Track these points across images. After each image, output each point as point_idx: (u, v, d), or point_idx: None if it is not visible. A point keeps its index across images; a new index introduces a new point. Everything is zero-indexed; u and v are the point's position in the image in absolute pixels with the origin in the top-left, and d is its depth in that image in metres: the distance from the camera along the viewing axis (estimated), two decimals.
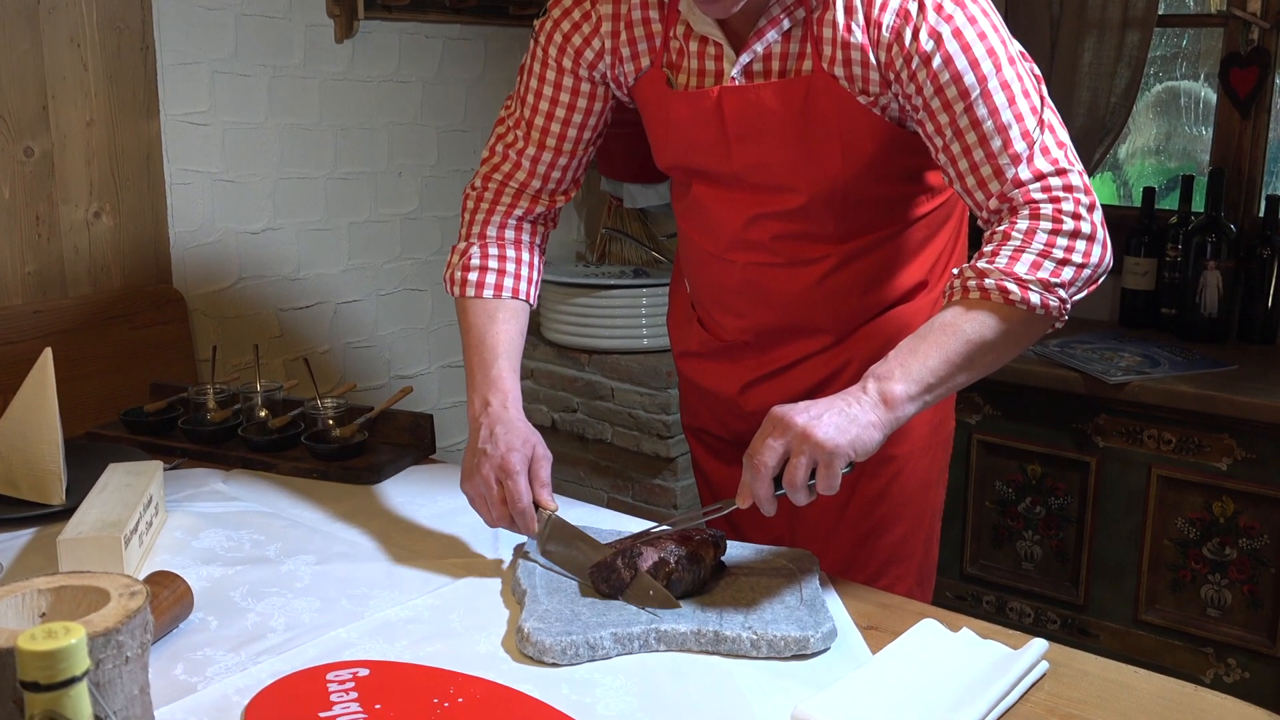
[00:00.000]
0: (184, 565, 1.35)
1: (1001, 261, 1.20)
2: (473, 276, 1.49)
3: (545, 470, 1.33)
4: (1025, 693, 1.07)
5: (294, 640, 1.17)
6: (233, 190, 2.42)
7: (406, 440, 1.76)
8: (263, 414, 1.79)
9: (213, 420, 1.78)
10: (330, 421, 1.74)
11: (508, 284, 1.49)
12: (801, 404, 1.16)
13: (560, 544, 1.29)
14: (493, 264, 1.49)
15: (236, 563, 1.36)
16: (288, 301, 2.57)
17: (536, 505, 1.31)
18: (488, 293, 1.48)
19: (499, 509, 1.31)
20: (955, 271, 1.24)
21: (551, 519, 1.30)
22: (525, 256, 1.52)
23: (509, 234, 1.53)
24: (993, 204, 1.25)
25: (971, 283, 1.21)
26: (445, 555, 1.39)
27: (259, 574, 1.33)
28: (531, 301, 1.52)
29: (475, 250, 1.51)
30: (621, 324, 2.86)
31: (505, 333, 1.45)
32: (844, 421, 1.14)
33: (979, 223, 1.30)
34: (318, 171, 2.59)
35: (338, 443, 1.70)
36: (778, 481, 1.15)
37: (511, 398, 1.39)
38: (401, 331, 2.86)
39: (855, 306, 1.49)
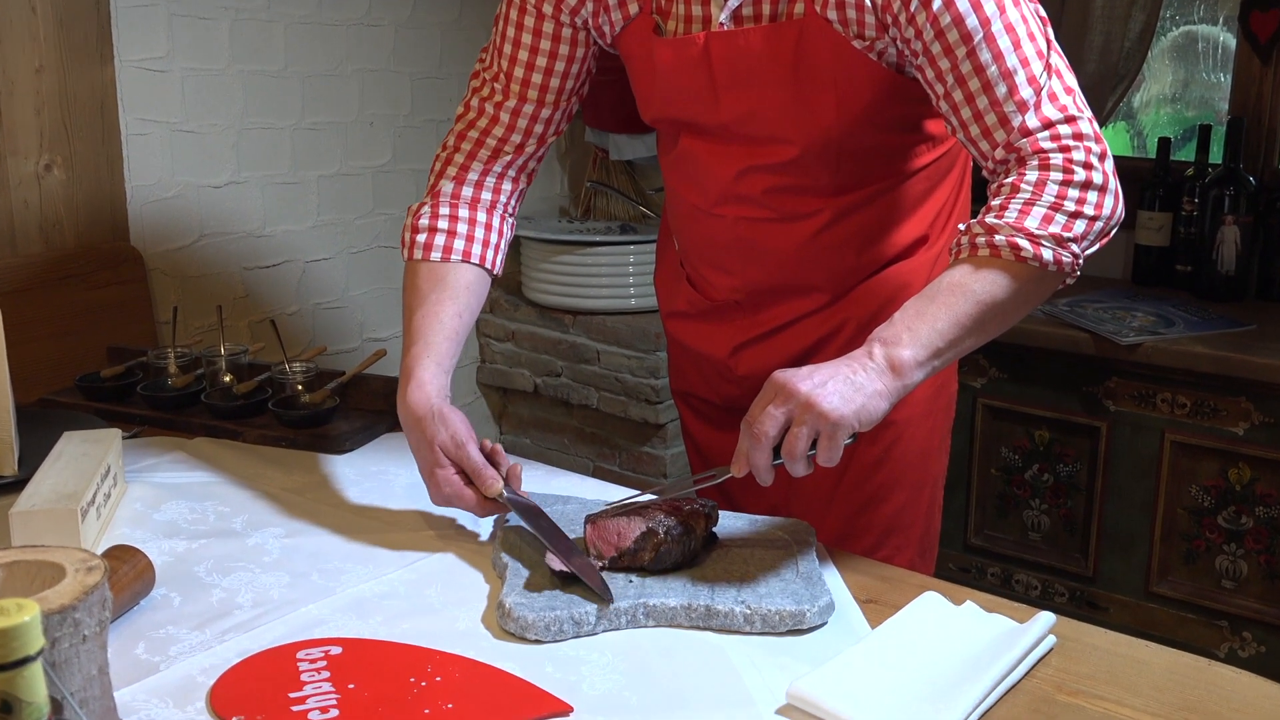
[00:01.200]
0: (144, 539, 1.34)
1: (1011, 216, 1.20)
2: (421, 238, 1.46)
3: (471, 454, 1.31)
4: (1031, 668, 1.08)
5: (262, 617, 1.17)
6: (193, 141, 2.40)
7: (380, 406, 1.76)
8: (227, 379, 1.78)
9: (174, 386, 1.78)
10: (299, 387, 1.73)
11: (458, 246, 1.46)
12: (804, 369, 1.16)
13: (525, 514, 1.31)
14: (443, 224, 1.47)
15: (200, 536, 1.36)
16: (253, 260, 2.56)
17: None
18: (435, 255, 1.45)
19: (477, 512, 1.34)
20: (961, 228, 1.24)
21: (504, 494, 1.31)
22: (482, 218, 1.49)
23: (467, 191, 1.50)
24: (999, 154, 1.25)
25: (980, 240, 1.20)
26: (422, 527, 1.39)
27: (224, 548, 1.33)
28: (491, 267, 1.49)
29: (428, 209, 1.48)
30: (608, 283, 2.85)
31: (434, 313, 1.41)
32: (849, 390, 1.13)
33: (984, 173, 1.30)
34: (284, 121, 2.56)
35: (307, 409, 1.69)
36: (776, 450, 1.15)
37: (413, 386, 1.35)
38: (374, 291, 2.84)
39: (851, 263, 1.48)
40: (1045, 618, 1.12)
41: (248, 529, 1.38)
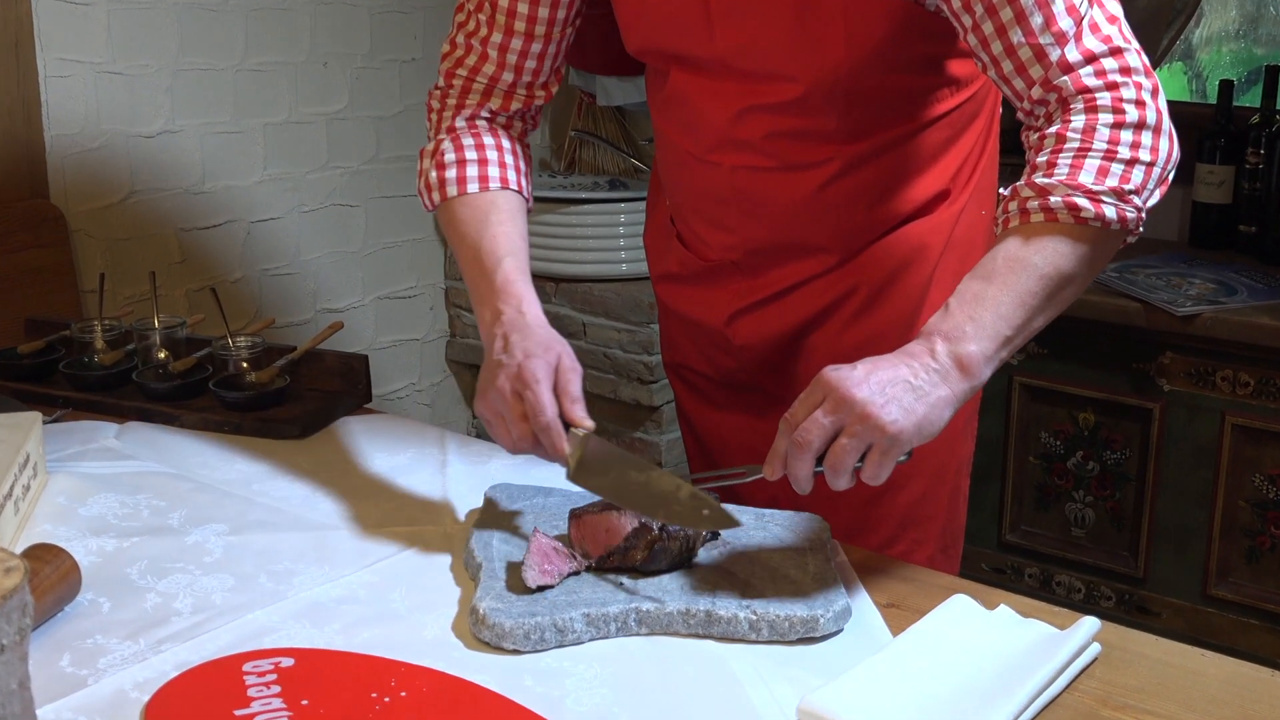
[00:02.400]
0: (69, 537, 1.34)
1: (1063, 172, 1.19)
2: (450, 174, 1.48)
3: (575, 384, 1.30)
4: (1073, 680, 1.08)
5: (203, 625, 1.17)
6: (121, 85, 2.39)
7: (337, 386, 1.76)
8: (162, 355, 1.78)
9: (102, 363, 1.77)
10: (244, 364, 1.73)
11: (493, 174, 1.48)
12: (859, 369, 1.14)
13: (599, 473, 1.26)
14: (470, 154, 1.49)
15: (133, 533, 1.36)
16: (190, 220, 2.55)
17: (568, 425, 1.28)
18: (472, 187, 1.47)
19: (519, 427, 1.28)
20: (1005, 192, 1.23)
21: (587, 440, 1.27)
22: (506, 144, 1.52)
23: (482, 124, 1.53)
24: (1036, 93, 1.25)
25: (1033, 203, 1.19)
26: (385, 523, 1.39)
27: (160, 546, 1.33)
28: (526, 196, 1.51)
29: (448, 144, 1.50)
30: (595, 246, 2.85)
31: (504, 232, 1.43)
32: (911, 399, 1.13)
33: (1018, 115, 1.29)
34: (225, 61, 2.55)
35: (253, 389, 1.69)
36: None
37: (526, 301, 1.38)
38: (329, 255, 2.84)
39: (863, 220, 1.48)
40: (1089, 623, 1.12)
41: (186, 525, 1.38)
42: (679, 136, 1.52)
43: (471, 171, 1.48)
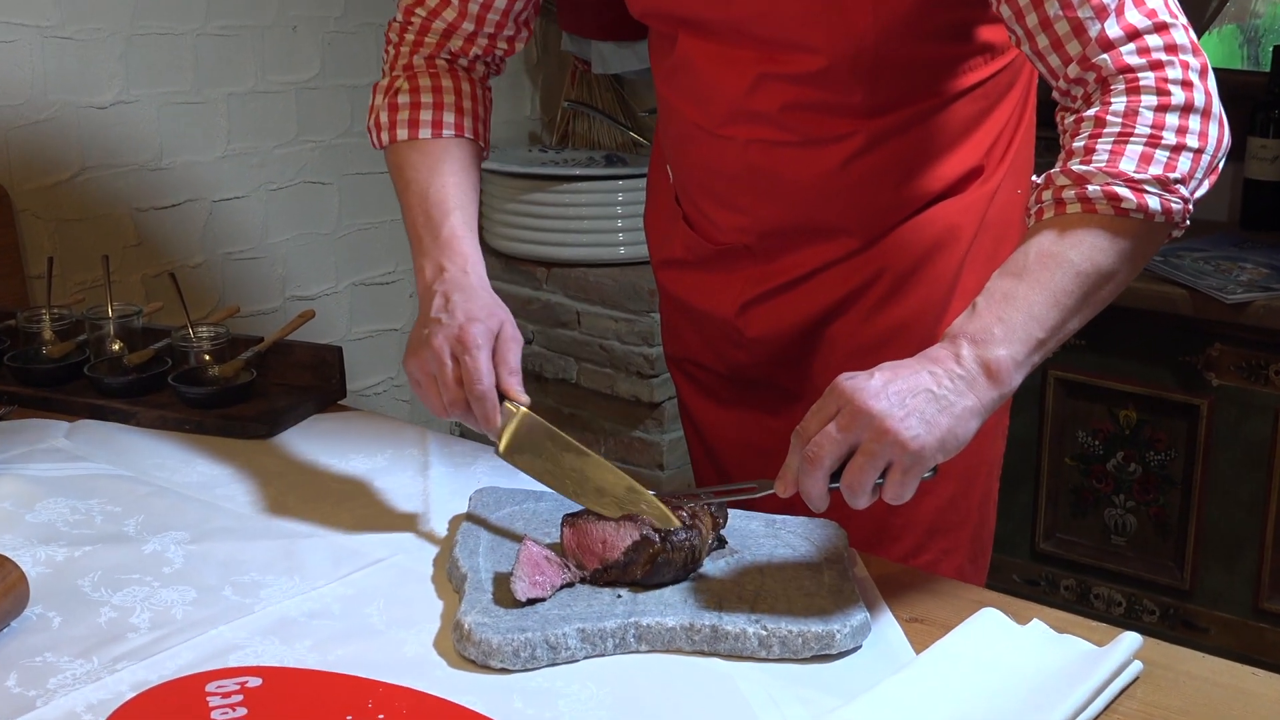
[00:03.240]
0: (15, 545, 1.34)
1: (1102, 159, 1.19)
2: (403, 116, 1.51)
3: (514, 354, 1.35)
4: (1112, 701, 1.08)
5: (163, 642, 1.17)
6: (71, 50, 2.39)
7: (307, 381, 1.76)
8: (116, 347, 1.78)
9: (50, 355, 1.78)
10: (206, 357, 1.73)
11: (448, 119, 1.51)
12: (877, 378, 1.14)
13: (532, 452, 1.31)
14: (426, 97, 1.52)
15: (85, 542, 1.36)
16: (147, 199, 2.55)
17: (502, 397, 1.32)
18: (425, 132, 1.51)
19: (452, 391, 1.32)
20: (1039, 180, 1.23)
21: (521, 417, 1.32)
22: (466, 88, 1.55)
23: (441, 64, 1.56)
24: (1072, 71, 1.25)
25: (1069, 193, 1.19)
26: (361, 529, 1.40)
27: (115, 556, 1.33)
28: (483, 143, 1.55)
29: (403, 83, 1.53)
30: (590, 228, 2.85)
31: (454, 184, 1.47)
32: (934, 411, 1.12)
33: (1053, 94, 1.30)
34: (185, 25, 2.55)
35: (216, 384, 1.69)
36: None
37: (471, 261, 1.42)
38: (299, 238, 2.84)
39: (888, 200, 1.48)
40: (1130, 640, 1.12)
41: (143, 533, 1.38)
42: (687, 108, 1.52)
43: (426, 115, 1.51)
